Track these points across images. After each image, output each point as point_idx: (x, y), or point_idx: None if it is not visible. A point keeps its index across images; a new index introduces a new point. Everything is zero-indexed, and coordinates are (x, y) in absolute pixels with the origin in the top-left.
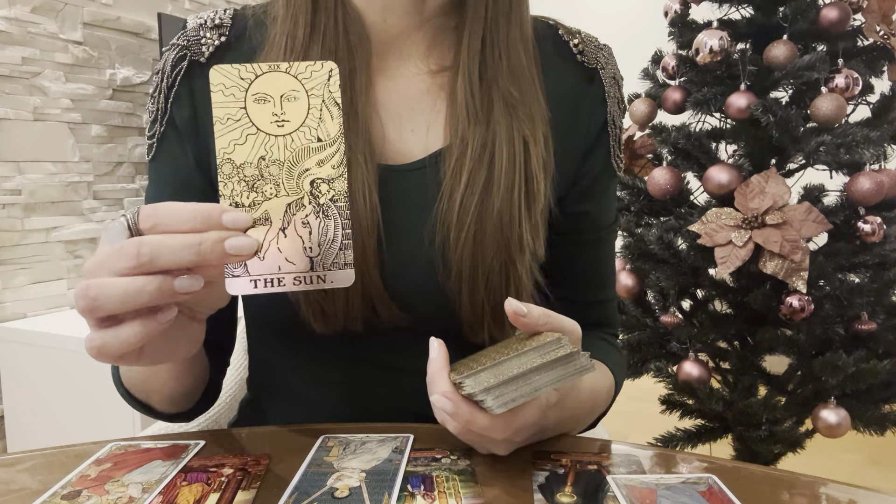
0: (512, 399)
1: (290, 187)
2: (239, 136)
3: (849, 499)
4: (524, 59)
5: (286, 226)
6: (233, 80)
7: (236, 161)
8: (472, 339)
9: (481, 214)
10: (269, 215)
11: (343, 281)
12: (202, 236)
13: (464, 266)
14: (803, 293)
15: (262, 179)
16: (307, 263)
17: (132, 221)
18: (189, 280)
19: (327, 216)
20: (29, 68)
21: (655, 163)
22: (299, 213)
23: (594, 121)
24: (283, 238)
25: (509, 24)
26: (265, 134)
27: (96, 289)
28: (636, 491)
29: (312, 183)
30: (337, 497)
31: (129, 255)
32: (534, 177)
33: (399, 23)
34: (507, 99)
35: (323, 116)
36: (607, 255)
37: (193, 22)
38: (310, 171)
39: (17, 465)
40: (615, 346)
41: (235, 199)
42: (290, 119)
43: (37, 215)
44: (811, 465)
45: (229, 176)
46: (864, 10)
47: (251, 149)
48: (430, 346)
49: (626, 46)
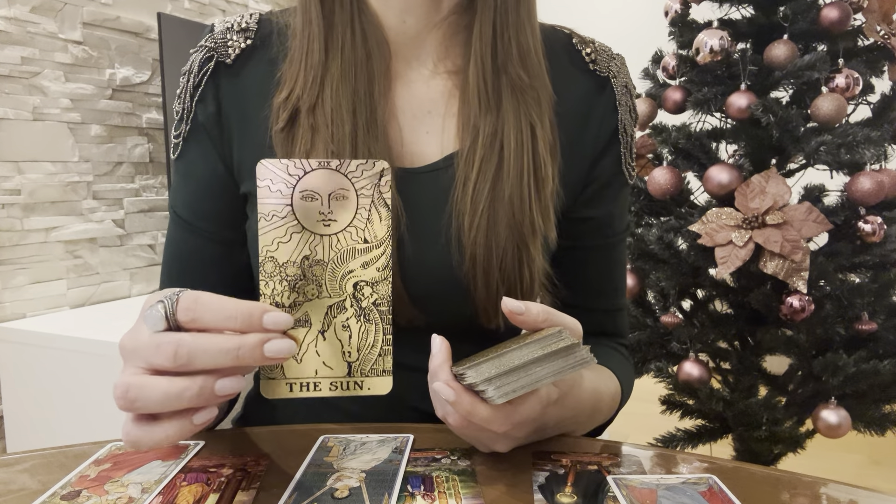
0: (513, 389)
1: (332, 289)
2: (283, 234)
3: (849, 499)
4: (531, 40)
5: (326, 328)
6: (280, 175)
7: (279, 259)
8: (486, 324)
9: (493, 200)
10: (309, 317)
11: (381, 388)
12: (241, 340)
13: (478, 250)
14: (804, 293)
15: (304, 280)
16: (345, 368)
17: (170, 311)
18: (231, 382)
19: (368, 320)
20: (28, 68)
21: (656, 163)
22: (340, 316)
23: (605, 127)
24: (322, 341)
25: (518, 7)
26: (311, 233)
27: (137, 389)
28: (636, 491)
29: (356, 286)
30: (337, 497)
31: (166, 354)
32: (541, 161)
33: (417, 23)
34: (515, 84)
35: (371, 217)
36: (617, 263)
37: (221, 25)
38: (354, 272)
39: (16, 466)
40: (624, 356)
41: (276, 299)
42: (337, 219)
43: (36, 215)
44: (812, 465)
45: (271, 275)
46: (865, 9)
47: (295, 247)
48: (432, 342)
49: (627, 46)
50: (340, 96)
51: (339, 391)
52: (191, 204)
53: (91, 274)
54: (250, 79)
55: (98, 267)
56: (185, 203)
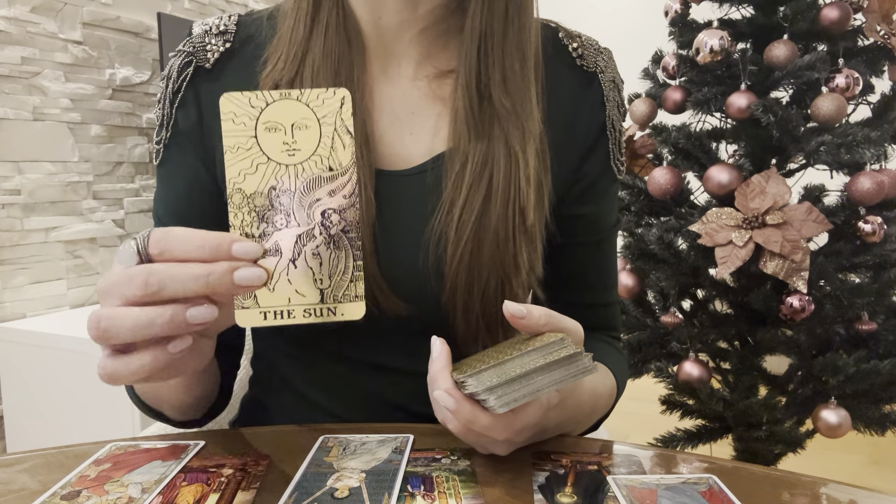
0: (514, 399)
1: (300, 218)
2: (249, 166)
3: (849, 499)
4: (519, 67)
5: (296, 257)
6: (243, 108)
7: (246, 191)
8: (465, 351)
9: (478, 231)
10: (279, 246)
11: (353, 313)
12: (211, 267)
13: (459, 281)
14: (804, 293)
15: (272, 210)
16: (317, 295)
17: (142, 246)
18: (201, 310)
19: (338, 247)
20: (28, 68)
21: (656, 163)
22: (310, 244)
23: (593, 123)
24: (294, 269)
25: (506, 31)
26: (276, 163)
27: (108, 320)
28: (636, 491)
29: (324, 213)
30: (337, 497)
31: (137, 283)
32: (523, 192)
33: (392, 21)
34: (499, 111)
35: (335, 145)
36: (608, 258)
37: (199, 29)
38: (321, 201)
39: (16, 466)
40: (617, 349)
41: (245, 230)
42: (301, 148)
43: (36, 215)
44: (811, 465)
45: (239, 206)
46: (865, 9)
47: (261, 178)
48: (432, 346)
49: (627, 46)
50: (320, 76)
51: (314, 318)
52: (174, 211)
53: (91, 274)
54: (230, 82)
55: (98, 267)
56: (168, 210)
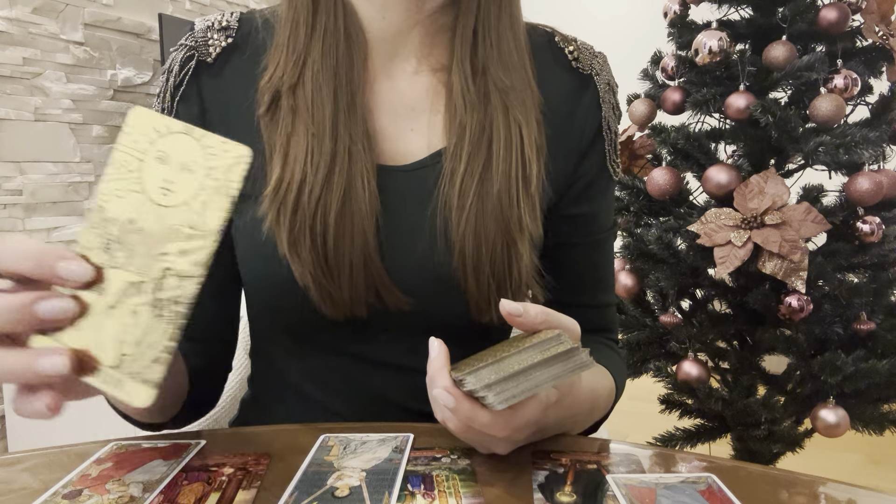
0: (513, 395)
1: (140, 265)
2: (121, 189)
3: (848, 498)
4: (514, 47)
5: (115, 305)
6: (146, 127)
7: (107, 214)
8: (479, 318)
9: (481, 195)
10: (108, 285)
11: (138, 398)
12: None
13: (466, 245)
14: (802, 293)
15: (119, 244)
16: (115, 359)
17: None
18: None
19: (160, 316)
20: (30, 69)
21: (655, 163)
22: (135, 298)
23: (588, 125)
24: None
25: (500, 14)
26: (145, 197)
27: None
28: (636, 490)
29: (164, 271)
30: (337, 496)
31: None
32: (528, 159)
33: (397, 19)
34: (499, 85)
35: (209, 204)
36: (605, 259)
37: (201, 24)
38: (168, 256)
39: (17, 465)
40: (615, 351)
41: (86, 253)
42: (176, 191)
43: (38, 216)
44: (810, 464)
45: (93, 226)
46: (864, 10)
47: (126, 207)
48: (430, 346)
49: (626, 47)
50: (321, 78)
51: (96, 381)
52: None
53: None
54: (231, 78)
55: None
56: None
